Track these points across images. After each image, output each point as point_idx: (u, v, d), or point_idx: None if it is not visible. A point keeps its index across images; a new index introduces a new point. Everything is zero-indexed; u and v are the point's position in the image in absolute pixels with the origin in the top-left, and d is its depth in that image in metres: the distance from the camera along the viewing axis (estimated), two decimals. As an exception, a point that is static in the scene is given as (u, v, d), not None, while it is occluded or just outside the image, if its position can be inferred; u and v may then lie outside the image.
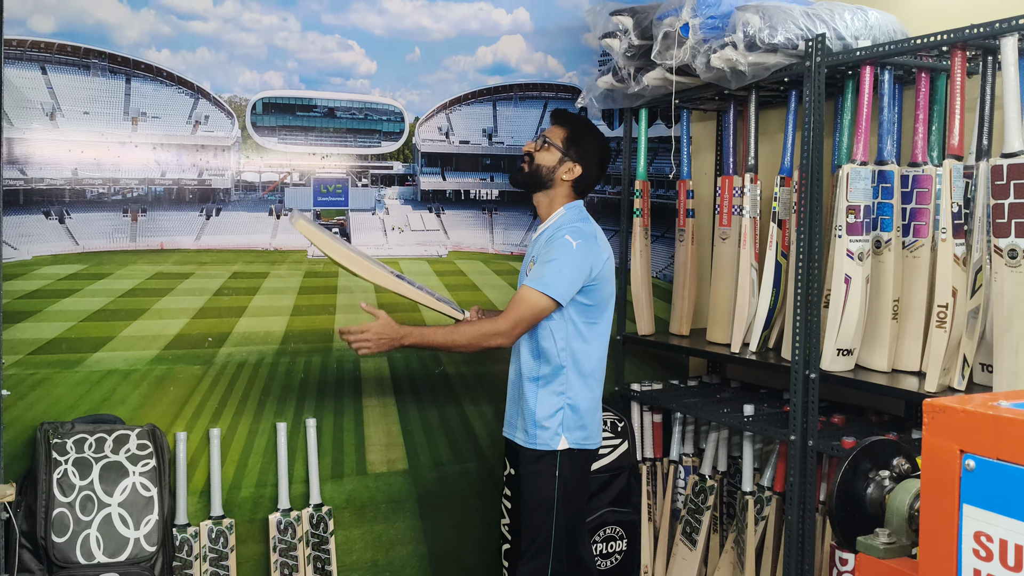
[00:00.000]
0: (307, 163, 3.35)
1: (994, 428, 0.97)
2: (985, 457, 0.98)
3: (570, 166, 2.90)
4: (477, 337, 2.70)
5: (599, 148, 2.97)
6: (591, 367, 2.84)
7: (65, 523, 2.67)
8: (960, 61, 2.52)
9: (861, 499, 1.32)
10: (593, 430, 2.86)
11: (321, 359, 3.34)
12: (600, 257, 2.80)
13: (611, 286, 2.88)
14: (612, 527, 3.38)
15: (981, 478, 0.98)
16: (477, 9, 3.57)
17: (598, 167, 2.96)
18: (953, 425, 1.01)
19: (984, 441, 0.98)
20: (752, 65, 2.82)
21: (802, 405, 2.82)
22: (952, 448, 1.01)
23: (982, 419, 0.99)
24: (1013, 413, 0.97)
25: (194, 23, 3.12)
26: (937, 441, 1.02)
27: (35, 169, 2.94)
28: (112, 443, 2.84)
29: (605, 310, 2.87)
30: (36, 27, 2.91)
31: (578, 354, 2.80)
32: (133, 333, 3.07)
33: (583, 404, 2.81)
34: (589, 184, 2.97)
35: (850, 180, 2.71)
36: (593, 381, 2.85)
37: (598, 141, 2.97)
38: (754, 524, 3.17)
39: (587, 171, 2.92)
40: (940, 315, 2.49)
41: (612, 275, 2.89)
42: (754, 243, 3.23)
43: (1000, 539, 0.96)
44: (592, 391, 2.85)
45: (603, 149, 2.99)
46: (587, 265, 2.75)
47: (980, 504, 0.98)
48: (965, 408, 1.01)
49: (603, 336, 2.88)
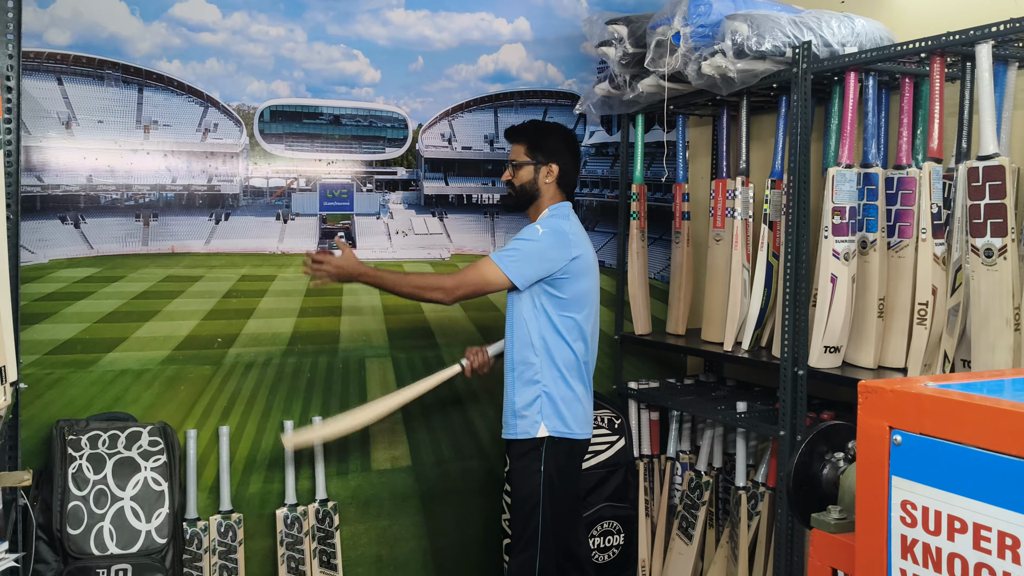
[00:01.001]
0: (313, 169, 3.45)
1: (917, 405, 1.06)
2: (910, 432, 1.07)
3: (547, 169, 3.01)
4: (420, 287, 2.89)
5: (562, 139, 3.07)
6: (566, 361, 2.90)
7: (79, 516, 2.78)
8: (939, 67, 2.60)
9: (817, 479, 1.41)
10: (573, 421, 2.91)
11: (327, 359, 3.44)
12: (567, 252, 2.87)
13: (586, 284, 2.93)
14: (610, 522, 3.47)
15: (907, 452, 1.07)
16: (479, 19, 3.68)
17: (571, 155, 3.06)
18: (883, 404, 1.10)
19: (909, 418, 1.07)
20: (741, 72, 2.91)
21: (791, 402, 2.90)
22: (882, 425, 1.10)
23: (907, 397, 1.07)
24: (934, 392, 1.06)
25: (203, 35, 3.24)
26: (870, 419, 1.11)
27: (51, 176, 3.06)
28: (125, 440, 2.95)
29: (581, 308, 2.92)
30: (52, 40, 3.03)
31: (551, 346, 2.89)
32: (145, 334, 3.19)
33: (558, 395, 2.89)
34: (571, 177, 3.06)
35: (836, 182, 2.80)
36: (572, 375, 2.91)
37: (557, 134, 3.08)
38: (747, 519, 3.25)
39: (563, 165, 3.02)
40: (921, 313, 2.57)
41: (587, 273, 2.94)
42: (746, 244, 3.31)
43: (923, 507, 1.05)
44: (569, 385, 2.90)
45: (567, 138, 3.09)
46: (551, 256, 2.84)
47: (906, 475, 1.07)
48: (893, 388, 1.10)
49: (580, 333, 2.93)
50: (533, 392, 2.89)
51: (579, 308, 2.92)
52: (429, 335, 3.63)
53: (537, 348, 2.89)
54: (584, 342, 2.95)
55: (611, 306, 3.89)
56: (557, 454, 2.89)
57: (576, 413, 2.94)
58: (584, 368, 2.97)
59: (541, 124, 3.15)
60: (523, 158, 3.03)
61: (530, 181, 3.02)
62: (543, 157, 3.01)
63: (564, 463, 2.92)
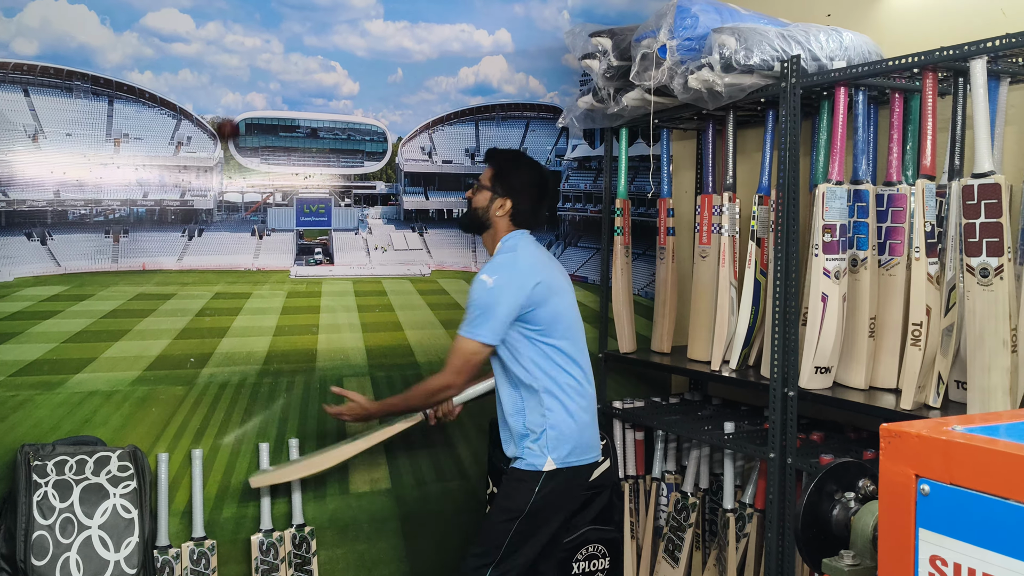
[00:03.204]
0: (290, 183, 3.36)
1: (946, 453, 0.99)
2: (939, 481, 1.00)
3: (500, 202, 2.92)
4: (428, 394, 2.94)
5: (528, 178, 2.97)
6: (566, 388, 2.83)
7: (45, 546, 2.66)
8: (931, 83, 2.56)
9: (827, 521, 1.34)
10: (582, 445, 2.86)
11: (304, 379, 3.35)
12: (523, 284, 2.77)
13: (556, 306, 2.84)
14: (594, 545, 3.39)
15: (936, 502, 1.00)
16: (459, 31, 3.61)
17: (530, 196, 2.95)
18: (908, 450, 1.03)
19: (937, 466, 1.00)
20: (728, 86, 2.85)
21: (781, 423, 2.84)
22: (908, 472, 1.03)
23: (935, 444, 1.01)
24: (964, 438, 0.99)
25: (177, 45, 3.14)
26: (893, 465, 1.04)
27: (17, 191, 2.95)
28: (93, 465, 2.84)
29: (562, 331, 2.84)
30: (19, 50, 2.93)
31: (545, 377, 2.81)
32: (115, 354, 3.08)
33: (565, 423, 2.81)
34: (525, 215, 2.95)
35: (826, 199, 2.74)
36: (573, 402, 2.84)
37: (526, 171, 2.98)
38: (735, 541, 3.18)
39: (517, 204, 2.92)
40: (915, 333, 2.52)
41: (554, 294, 2.84)
42: (733, 261, 3.26)
43: (954, 563, 0.98)
44: (571, 412, 2.84)
45: (533, 177, 2.99)
46: (507, 299, 2.75)
47: (935, 528, 1.00)
48: (919, 433, 1.03)
49: (569, 357, 2.85)
50: (540, 424, 2.80)
51: (560, 332, 2.83)
52: (409, 352, 3.54)
53: (538, 382, 2.81)
54: (577, 364, 2.88)
55: (595, 323, 3.82)
56: (558, 481, 2.81)
57: (585, 437, 2.87)
58: (583, 390, 2.89)
59: (516, 157, 3.07)
60: (486, 183, 2.96)
61: (483, 208, 2.94)
62: (501, 189, 2.92)
63: (563, 491, 2.84)
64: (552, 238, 3.84)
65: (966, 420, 1.08)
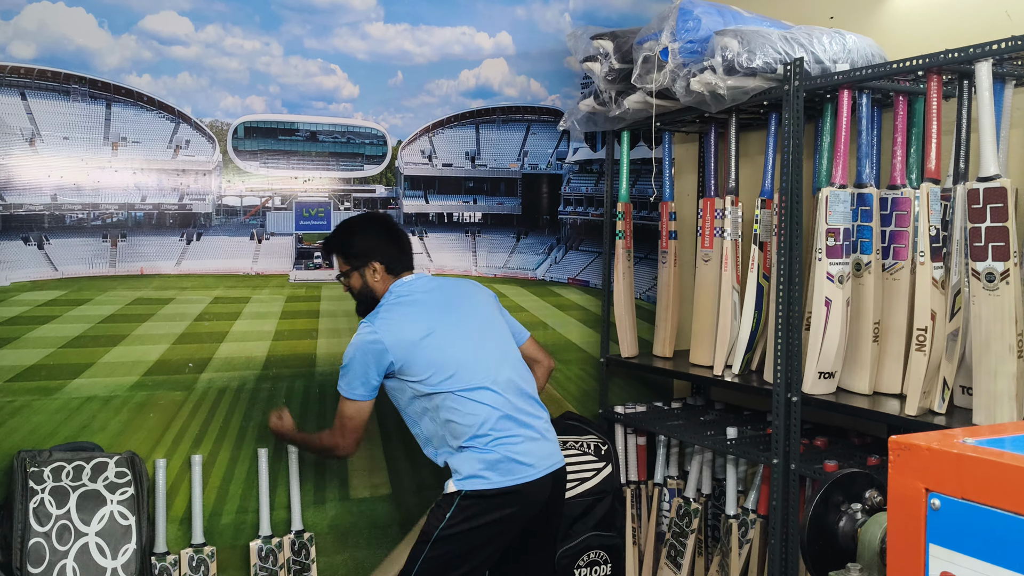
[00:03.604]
0: (289, 187, 3.34)
1: (957, 467, 0.97)
2: (950, 496, 0.97)
3: (369, 270, 2.86)
4: (319, 451, 3.01)
5: (369, 232, 2.92)
6: (461, 429, 2.67)
7: (41, 554, 2.64)
8: (936, 85, 2.54)
9: (833, 533, 1.31)
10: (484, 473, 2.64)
11: (304, 384, 3.33)
12: (383, 338, 2.68)
13: (426, 353, 2.70)
14: (596, 551, 3.36)
15: (946, 518, 0.98)
16: (460, 33, 3.58)
17: (386, 244, 2.89)
18: (918, 463, 1.00)
19: (948, 480, 0.97)
20: (731, 89, 2.83)
21: (784, 428, 2.81)
22: (918, 487, 1.00)
23: (946, 457, 0.98)
24: (976, 451, 0.97)
25: (175, 48, 3.12)
26: (903, 479, 1.01)
27: (14, 195, 2.93)
28: (90, 471, 2.81)
29: (438, 375, 2.69)
30: (16, 53, 2.90)
31: (439, 426, 2.71)
32: (113, 359, 3.06)
33: (463, 460, 2.67)
34: (396, 260, 2.89)
35: (829, 203, 2.72)
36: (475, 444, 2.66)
37: (362, 230, 2.93)
38: (738, 547, 3.16)
39: (382, 258, 2.86)
40: (919, 338, 2.49)
41: (419, 341, 2.70)
42: (736, 265, 3.23)
43: (966, 580, 0.96)
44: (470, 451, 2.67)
45: (371, 228, 2.93)
46: (369, 356, 2.68)
47: (946, 544, 0.97)
48: (930, 446, 1.00)
49: (462, 393, 2.68)
50: (441, 460, 2.75)
51: (438, 378, 2.69)
52: (409, 358, 3.51)
53: (422, 432, 2.78)
54: (475, 401, 2.68)
55: (596, 328, 3.80)
56: (469, 512, 2.63)
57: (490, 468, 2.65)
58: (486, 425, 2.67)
59: (345, 230, 2.95)
60: (344, 268, 2.91)
61: (362, 285, 2.88)
62: (360, 261, 2.86)
63: (475, 516, 2.63)
64: (554, 242, 3.81)
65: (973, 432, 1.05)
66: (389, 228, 2.97)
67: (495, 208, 3.72)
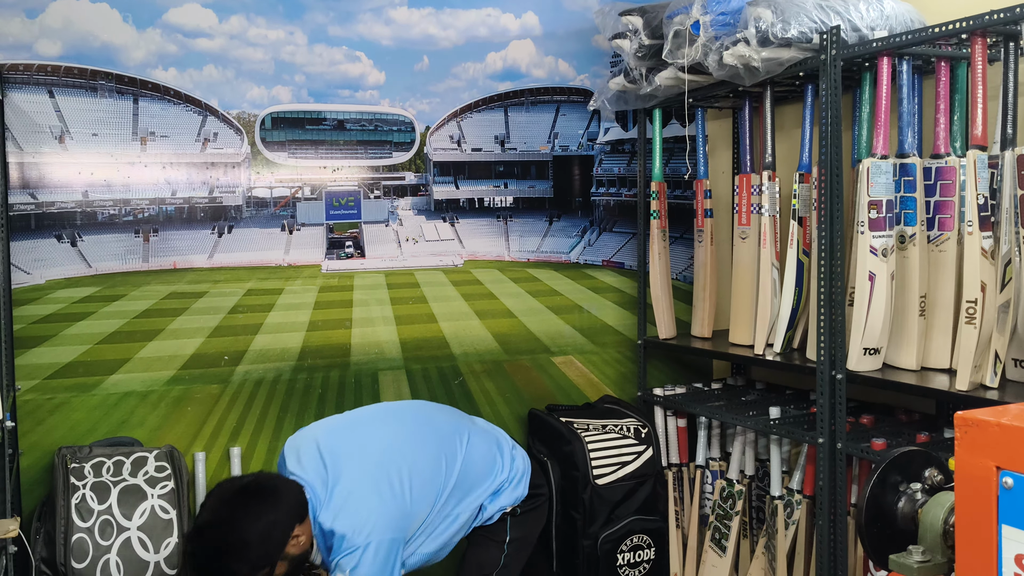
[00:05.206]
0: (318, 177, 3.32)
1: (1032, 443, 0.91)
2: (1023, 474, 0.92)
3: (292, 548, 2.40)
4: None
5: (261, 542, 2.34)
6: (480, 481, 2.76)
7: (85, 549, 2.65)
8: (981, 49, 2.44)
9: (892, 514, 1.26)
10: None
11: (339, 374, 3.31)
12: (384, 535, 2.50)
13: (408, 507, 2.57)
14: (639, 536, 3.32)
15: (1020, 497, 0.92)
16: (485, 15, 3.53)
17: (283, 516, 2.39)
18: (988, 440, 0.94)
19: (1021, 457, 0.92)
20: (766, 61, 2.76)
21: (829, 407, 2.75)
22: (988, 465, 0.94)
23: (1018, 433, 0.92)
24: (1052, 426, 0.91)
25: (200, 40, 3.10)
26: (971, 457, 0.96)
27: (46, 193, 2.93)
28: (130, 466, 2.82)
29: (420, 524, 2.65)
30: (43, 51, 2.90)
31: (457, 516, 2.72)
32: (149, 354, 3.06)
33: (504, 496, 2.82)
34: (297, 507, 2.42)
35: (871, 175, 2.64)
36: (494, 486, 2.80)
37: (248, 547, 2.32)
38: (784, 529, 3.10)
39: (289, 529, 2.39)
40: (969, 311, 2.42)
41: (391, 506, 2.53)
42: (774, 242, 3.16)
43: (1043, 562, 0.90)
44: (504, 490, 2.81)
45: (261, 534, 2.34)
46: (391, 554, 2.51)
47: (1020, 525, 0.92)
48: (1000, 422, 0.94)
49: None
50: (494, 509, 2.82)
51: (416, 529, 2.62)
52: (444, 344, 3.49)
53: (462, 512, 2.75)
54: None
55: (633, 310, 3.74)
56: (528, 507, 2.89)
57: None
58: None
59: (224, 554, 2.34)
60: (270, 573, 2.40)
61: (295, 563, 2.45)
62: (269, 568, 2.37)
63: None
64: (587, 224, 3.76)
65: (1050, 405, 0.99)
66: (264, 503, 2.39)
67: (526, 192, 3.68)
